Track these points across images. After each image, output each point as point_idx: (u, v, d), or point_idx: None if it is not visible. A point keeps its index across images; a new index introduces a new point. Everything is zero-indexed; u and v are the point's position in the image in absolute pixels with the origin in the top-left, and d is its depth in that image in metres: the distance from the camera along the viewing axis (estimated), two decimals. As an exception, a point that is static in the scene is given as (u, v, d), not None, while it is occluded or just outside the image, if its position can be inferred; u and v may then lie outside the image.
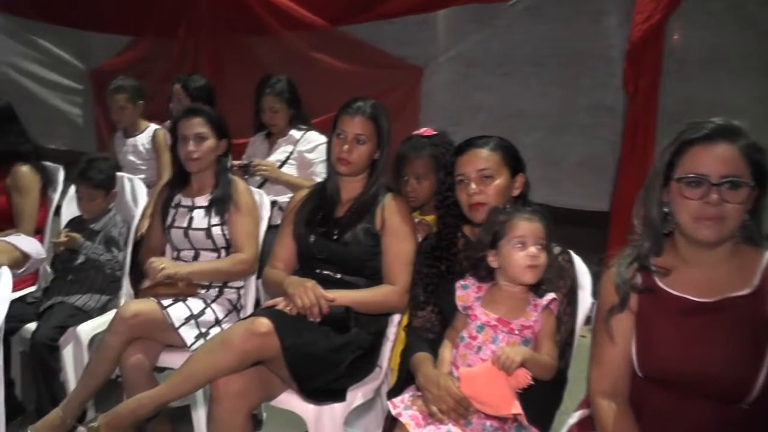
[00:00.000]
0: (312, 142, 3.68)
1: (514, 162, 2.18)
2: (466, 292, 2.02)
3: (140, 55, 5.59)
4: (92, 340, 2.86)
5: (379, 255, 2.46)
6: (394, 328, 2.53)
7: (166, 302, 2.64)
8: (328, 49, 4.85)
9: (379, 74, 4.70)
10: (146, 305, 2.60)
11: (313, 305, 2.28)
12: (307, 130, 3.73)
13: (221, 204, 2.85)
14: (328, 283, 2.42)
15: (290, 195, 3.43)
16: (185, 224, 2.87)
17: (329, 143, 2.59)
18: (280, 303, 2.35)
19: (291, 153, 3.70)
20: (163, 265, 2.67)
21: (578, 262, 2.17)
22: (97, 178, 3.10)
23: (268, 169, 3.55)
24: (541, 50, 4.24)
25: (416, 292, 2.28)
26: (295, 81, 3.81)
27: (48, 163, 3.53)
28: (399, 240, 2.44)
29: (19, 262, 2.14)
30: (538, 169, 3.62)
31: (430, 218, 2.67)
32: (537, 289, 1.98)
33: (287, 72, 3.84)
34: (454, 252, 2.23)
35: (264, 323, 2.18)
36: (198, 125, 2.84)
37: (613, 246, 3.63)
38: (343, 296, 2.36)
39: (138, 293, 2.81)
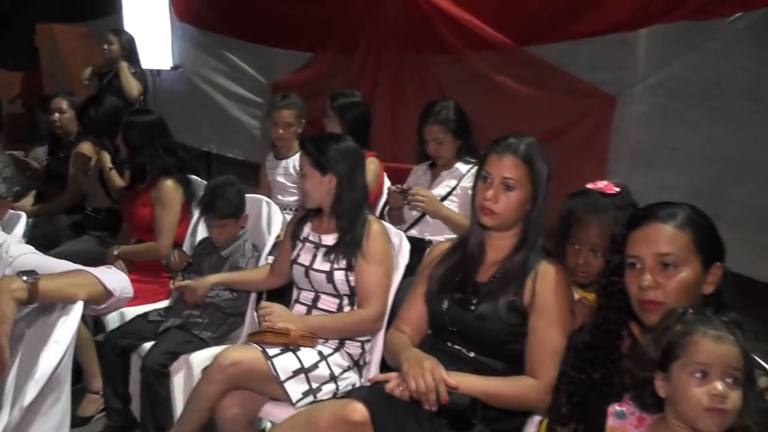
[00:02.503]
0: None
1: (710, 246, 1.52)
2: (621, 423, 1.40)
3: (319, 72, 5.45)
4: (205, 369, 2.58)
5: (524, 337, 1.92)
6: (534, 428, 1.94)
7: (272, 351, 2.27)
8: (512, 71, 4.29)
9: (566, 102, 4.08)
10: (248, 353, 2.27)
11: (429, 391, 1.78)
12: (476, 164, 3.15)
13: (349, 247, 2.43)
14: (457, 362, 1.95)
15: (448, 235, 3.02)
16: (308, 262, 2.50)
17: (474, 187, 2.08)
18: (391, 381, 1.88)
19: (454, 188, 3.18)
20: (270, 316, 2.34)
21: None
22: (224, 209, 2.85)
23: (426, 201, 3.04)
24: (763, 81, 3.43)
25: (558, 400, 1.67)
26: (469, 105, 3.31)
27: (194, 178, 3.42)
28: (550, 322, 1.89)
29: (100, 297, 1.88)
30: (745, 232, 2.95)
31: (593, 297, 2.00)
32: (726, 439, 1.31)
33: (465, 95, 3.36)
34: (614, 357, 1.60)
35: (358, 410, 1.74)
36: (302, 160, 2.51)
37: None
38: (469, 383, 1.85)
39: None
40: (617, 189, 2.05)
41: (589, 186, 2.10)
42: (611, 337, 1.61)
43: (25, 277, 1.69)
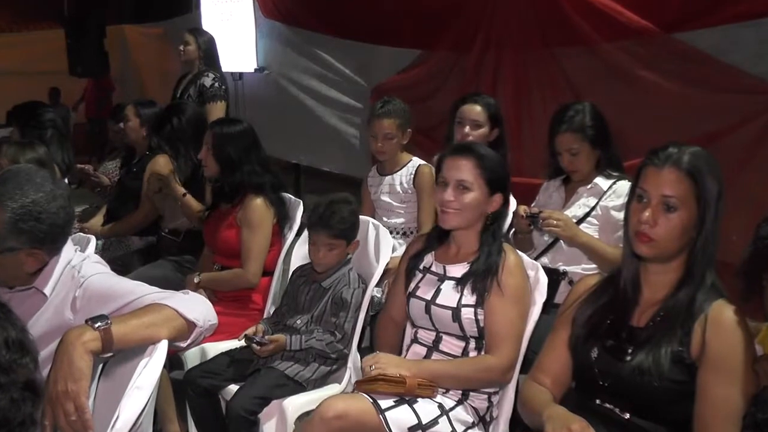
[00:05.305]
0: (622, 196, 2.97)
1: None
2: None
3: (429, 72, 5.45)
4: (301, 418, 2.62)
5: (692, 397, 1.81)
6: None
7: (385, 402, 2.25)
8: (658, 63, 4.18)
9: (726, 100, 3.92)
10: (356, 404, 2.27)
11: None
12: (619, 178, 3.07)
13: (481, 280, 2.38)
14: (609, 424, 1.90)
15: (586, 265, 2.95)
16: (429, 296, 2.45)
17: (627, 207, 1.99)
18: None
19: (593, 208, 3.07)
20: (379, 363, 2.31)
21: None
22: (339, 227, 2.83)
23: (562, 225, 2.93)
24: None
25: None
26: (607, 107, 3.21)
27: (288, 196, 3.44)
28: (726, 380, 1.77)
29: (183, 332, 1.89)
30: None
31: None
32: None
33: (601, 94, 3.25)
34: None
35: None
36: (464, 170, 2.39)
37: None
38: None
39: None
40: None
41: None
42: None
43: (95, 324, 1.70)
